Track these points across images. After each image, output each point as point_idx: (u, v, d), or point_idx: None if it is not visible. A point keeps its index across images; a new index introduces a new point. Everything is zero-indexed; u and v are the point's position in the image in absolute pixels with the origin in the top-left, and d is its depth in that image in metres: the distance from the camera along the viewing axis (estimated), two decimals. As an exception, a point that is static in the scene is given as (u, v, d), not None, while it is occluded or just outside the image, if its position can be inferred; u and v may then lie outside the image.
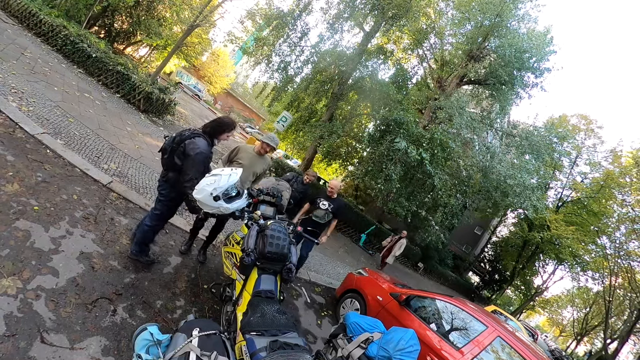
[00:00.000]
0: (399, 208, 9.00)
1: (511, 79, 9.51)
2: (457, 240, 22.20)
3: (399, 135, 8.07)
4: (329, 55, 10.97)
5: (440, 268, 16.59)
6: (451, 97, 9.30)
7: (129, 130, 6.03)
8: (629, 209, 15.65)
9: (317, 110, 12.55)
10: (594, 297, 21.86)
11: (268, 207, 2.69)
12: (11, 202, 2.45)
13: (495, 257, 22.45)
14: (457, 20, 10.62)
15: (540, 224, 16.39)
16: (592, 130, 18.55)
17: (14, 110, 3.80)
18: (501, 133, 11.05)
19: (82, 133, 4.51)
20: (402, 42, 12.36)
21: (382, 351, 1.67)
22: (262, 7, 11.70)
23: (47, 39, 7.91)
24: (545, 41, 9.56)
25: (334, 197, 4.05)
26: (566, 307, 30.80)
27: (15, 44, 6.39)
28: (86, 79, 7.31)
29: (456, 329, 3.12)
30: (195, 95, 25.76)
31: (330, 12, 10.83)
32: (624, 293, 17.60)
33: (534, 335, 12.21)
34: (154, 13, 15.52)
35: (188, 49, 18.19)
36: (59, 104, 4.92)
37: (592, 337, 25.39)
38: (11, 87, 4.41)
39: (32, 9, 8.18)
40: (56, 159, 3.46)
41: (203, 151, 2.32)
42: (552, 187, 19.02)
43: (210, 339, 1.39)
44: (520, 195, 8.83)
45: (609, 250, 16.30)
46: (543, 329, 42.84)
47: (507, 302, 29.66)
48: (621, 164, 16.36)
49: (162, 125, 8.20)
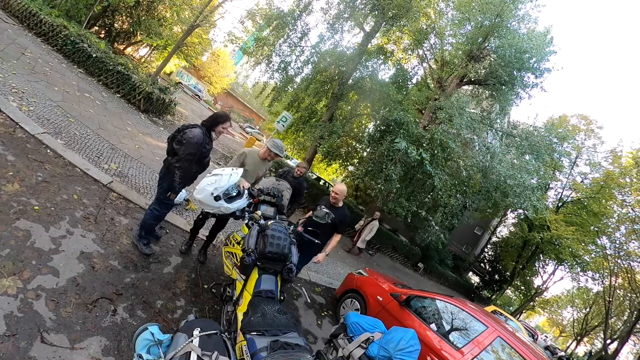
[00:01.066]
0: (399, 208, 8.99)
1: (511, 79, 9.50)
2: (457, 240, 22.21)
3: (399, 136, 8.06)
4: (329, 56, 10.97)
5: (441, 268, 16.59)
6: (451, 97, 9.29)
7: (129, 130, 6.03)
8: (629, 209, 15.66)
9: (317, 110, 12.55)
10: (594, 298, 21.87)
11: (268, 207, 2.69)
12: (11, 201, 2.45)
13: (495, 257, 22.46)
14: (457, 21, 10.61)
15: (540, 224, 16.39)
16: (592, 130, 18.56)
17: (14, 110, 3.80)
18: (501, 133, 11.04)
19: (83, 133, 4.51)
20: (402, 42, 12.36)
21: (383, 351, 1.67)
22: (262, 7, 11.70)
23: (48, 39, 7.92)
24: (545, 41, 9.56)
25: (339, 205, 3.39)
26: (566, 308, 30.81)
27: (16, 43, 6.39)
28: (86, 79, 7.31)
29: (456, 329, 3.12)
30: (196, 96, 25.76)
31: (331, 12, 10.83)
32: (624, 293, 17.60)
33: (534, 335, 12.21)
34: (154, 13, 15.53)
35: (188, 49, 18.19)
36: (59, 103, 4.93)
37: (592, 338, 25.39)
38: (12, 87, 4.41)
39: (33, 9, 8.18)
40: (56, 158, 3.46)
41: (196, 136, 2.56)
42: (552, 187, 19.02)
43: (211, 339, 1.39)
44: (520, 196, 8.82)
45: (609, 251, 16.31)
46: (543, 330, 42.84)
47: (507, 302, 29.65)
48: (621, 165, 16.36)
49: (163, 125, 8.20)
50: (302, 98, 12.15)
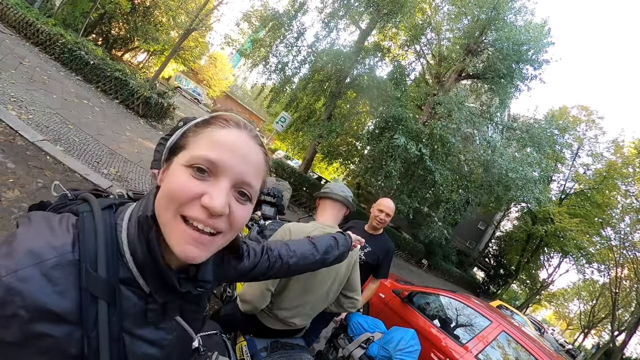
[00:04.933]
0: (401, 205, 8.97)
1: (510, 72, 9.46)
2: (460, 236, 22.14)
3: (398, 132, 8.04)
4: (326, 54, 10.97)
5: (445, 264, 16.53)
6: (450, 92, 9.27)
7: (129, 135, 6.05)
8: (633, 199, 15.55)
9: (315, 109, 12.55)
10: (600, 290, 21.72)
11: (269, 208, 2.69)
12: (12, 207, 2.47)
13: (499, 251, 22.36)
14: (454, 15, 10.58)
15: (544, 217, 16.30)
16: (593, 121, 18.44)
17: (13, 119, 3.82)
18: (501, 127, 10.99)
19: (82, 139, 4.53)
20: (398, 38, 12.33)
21: (383, 351, 1.66)
22: (257, 8, 11.71)
23: (45, 48, 7.95)
24: (543, 33, 9.51)
25: (378, 232, 2.20)
26: (572, 300, 30.65)
27: (14, 53, 6.43)
28: (85, 85, 7.34)
29: (460, 324, 3.10)
30: (195, 99, 25.82)
31: (326, 11, 10.81)
32: (631, 284, 17.47)
33: (541, 329, 12.14)
34: (150, 19, 15.56)
35: (185, 53, 18.23)
36: (58, 111, 4.95)
37: (600, 330, 25.23)
38: (10, 96, 4.43)
39: (29, 19, 8.22)
40: (56, 165, 3.47)
41: None
42: (555, 179, 18.92)
43: (211, 339, 1.38)
44: (522, 189, 8.78)
45: (614, 242, 16.19)
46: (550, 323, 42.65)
47: (513, 296, 29.53)
48: (623, 154, 16.25)
49: (162, 130, 8.22)
50: (301, 98, 12.15)
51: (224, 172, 0.44)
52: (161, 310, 0.49)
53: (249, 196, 0.47)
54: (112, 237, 0.45)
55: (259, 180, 0.49)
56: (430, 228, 10.43)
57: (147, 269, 0.45)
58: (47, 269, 0.37)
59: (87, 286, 0.40)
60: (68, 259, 0.40)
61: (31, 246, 0.38)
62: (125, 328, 0.44)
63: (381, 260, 2.17)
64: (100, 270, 0.41)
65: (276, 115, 13.01)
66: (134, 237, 0.45)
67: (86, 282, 0.40)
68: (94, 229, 0.43)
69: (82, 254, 0.41)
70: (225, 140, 0.45)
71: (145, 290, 0.46)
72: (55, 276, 0.38)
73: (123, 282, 0.44)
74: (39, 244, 0.39)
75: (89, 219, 0.45)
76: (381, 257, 2.16)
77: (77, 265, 0.40)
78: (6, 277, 0.35)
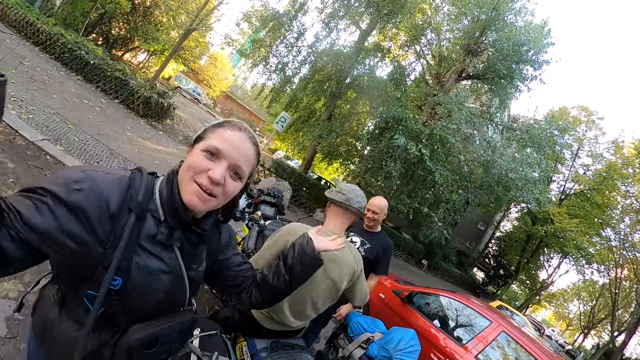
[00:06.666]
0: (401, 205, 8.97)
1: (510, 73, 9.47)
2: (460, 236, 22.15)
3: (398, 132, 8.05)
4: (326, 55, 10.98)
5: (445, 264, 16.54)
6: (450, 92, 9.28)
7: (129, 135, 6.05)
8: (633, 200, 15.56)
9: (316, 109, 12.56)
10: (600, 290, 21.72)
11: (269, 208, 2.68)
12: (12, 209, 2.46)
13: (499, 252, 22.36)
14: (454, 16, 10.59)
15: (543, 218, 16.31)
16: (593, 121, 18.45)
17: (13, 118, 3.82)
18: (501, 127, 11.00)
19: (82, 139, 4.53)
20: (399, 39, 12.34)
21: (383, 351, 1.66)
22: (257, 9, 11.72)
23: (45, 48, 7.96)
24: (543, 33, 9.52)
25: (376, 230, 2.35)
26: (572, 301, 30.65)
27: (14, 53, 6.43)
28: (85, 85, 7.34)
29: (460, 325, 3.10)
30: (195, 99, 25.82)
31: (326, 11, 10.83)
32: (630, 285, 17.48)
33: (541, 329, 12.14)
34: (150, 19, 15.56)
35: (186, 53, 18.24)
36: (58, 111, 4.95)
37: (600, 330, 25.24)
38: (10, 95, 4.43)
39: (30, 19, 8.22)
40: (56, 164, 3.47)
41: None
42: (555, 180, 18.93)
43: (211, 339, 1.38)
44: (522, 189, 8.78)
45: (614, 242, 16.21)
46: (550, 324, 42.65)
47: (513, 297, 29.53)
48: (623, 155, 16.26)
49: (162, 130, 8.22)
50: (301, 98, 12.16)
51: (224, 157, 0.66)
52: (167, 235, 0.67)
53: (240, 175, 0.70)
54: (150, 185, 0.69)
55: (249, 167, 0.71)
56: (430, 228, 10.44)
57: (166, 204, 0.67)
58: (116, 177, 0.64)
59: (129, 203, 0.62)
60: (126, 181, 0.65)
61: (109, 169, 0.66)
62: (140, 242, 0.64)
63: (380, 256, 2.26)
64: (139, 197, 0.64)
65: (276, 115, 13.02)
66: (163, 184, 0.70)
67: (129, 200, 0.63)
68: (140, 178, 0.68)
69: (131, 187, 0.65)
70: (229, 137, 0.68)
71: (160, 218, 0.67)
72: (117, 184, 0.63)
73: (149, 210, 0.66)
74: (113, 170, 0.67)
75: (139, 174, 0.69)
76: (380, 253, 2.26)
77: (128, 189, 0.64)
78: (94, 172, 0.61)
